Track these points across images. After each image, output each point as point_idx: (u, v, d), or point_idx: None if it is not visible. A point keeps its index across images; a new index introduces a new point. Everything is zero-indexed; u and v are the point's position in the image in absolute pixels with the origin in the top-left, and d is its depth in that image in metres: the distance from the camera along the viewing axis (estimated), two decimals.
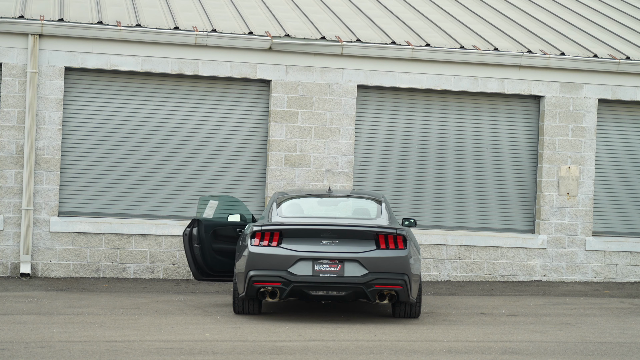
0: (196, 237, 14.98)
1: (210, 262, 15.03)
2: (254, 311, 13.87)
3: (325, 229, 13.34)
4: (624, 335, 12.94)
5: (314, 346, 11.46)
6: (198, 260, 15.00)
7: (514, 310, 15.21)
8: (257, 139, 18.70)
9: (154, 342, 11.54)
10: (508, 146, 19.52)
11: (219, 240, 15.10)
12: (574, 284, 19.08)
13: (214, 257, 15.03)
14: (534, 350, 11.54)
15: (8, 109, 17.68)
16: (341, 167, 18.70)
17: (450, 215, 19.29)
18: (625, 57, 19.73)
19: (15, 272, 17.69)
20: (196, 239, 14.99)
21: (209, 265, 15.04)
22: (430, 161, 19.26)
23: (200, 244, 14.97)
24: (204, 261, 15.01)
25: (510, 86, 19.32)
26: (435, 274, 18.97)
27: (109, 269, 17.96)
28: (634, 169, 19.97)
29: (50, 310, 13.98)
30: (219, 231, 15.10)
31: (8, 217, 17.67)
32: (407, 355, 11.08)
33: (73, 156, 18.07)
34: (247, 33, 18.42)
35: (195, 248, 14.98)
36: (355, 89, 18.77)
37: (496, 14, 22.04)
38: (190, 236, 15.00)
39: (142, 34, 18.01)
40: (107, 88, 18.20)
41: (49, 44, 17.77)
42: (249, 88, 18.67)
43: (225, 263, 15.07)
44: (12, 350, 10.76)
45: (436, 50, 18.88)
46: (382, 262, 13.17)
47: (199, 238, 14.98)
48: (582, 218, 19.46)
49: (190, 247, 15.01)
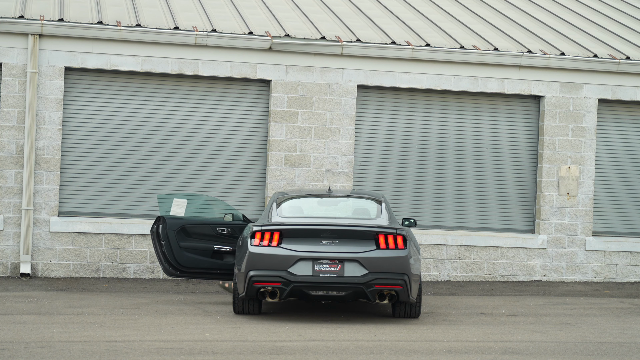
0: (161, 235, 15.15)
1: (178, 259, 15.14)
2: (254, 311, 13.88)
3: (325, 229, 13.34)
4: (624, 335, 12.94)
5: (314, 346, 11.46)
6: (167, 257, 15.16)
7: (514, 310, 15.21)
8: (257, 139, 18.70)
9: (154, 342, 11.54)
10: (508, 146, 19.52)
11: (190, 238, 15.21)
12: (574, 284, 19.08)
13: (181, 254, 15.13)
14: (534, 350, 11.54)
15: (8, 109, 17.68)
16: (341, 167, 18.70)
17: (450, 215, 19.29)
18: (625, 57, 19.73)
19: (15, 272, 17.69)
20: (162, 237, 15.15)
21: (177, 262, 15.15)
22: (430, 161, 19.26)
23: (165, 241, 15.10)
24: (173, 258, 15.14)
25: (510, 86, 19.32)
26: (435, 274, 18.97)
27: (109, 269, 17.96)
28: (634, 169, 19.97)
29: (50, 310, 13.98)
30: (189, 229, 15.19)
31: (8, 217, 17.67)
32: (407, 355, 11.08)
33: (73, 156, 18.07)
34: (247, 33, 18.42)
35: (162, 245, 15.15)
36: (355, 89, 18.77)
37: (496, 14, 22.04)
38: (157, 233, 15.18)
39: (142, 34, 18.01)
40: (107, 88, 18.20)
41: (49, 44, 17.77)
42: (249, 88, 18.67)
43: (197, 260, 15.18)
44: (12, 350, 10.76)
45: (436, 50, 18.88)
46: (382, 262, 13.17)
47: (164, 235, 15.12)
48: (582, 218, 19.46)
49: (159, 244, 15.18)
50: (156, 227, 15.31)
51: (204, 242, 15.20)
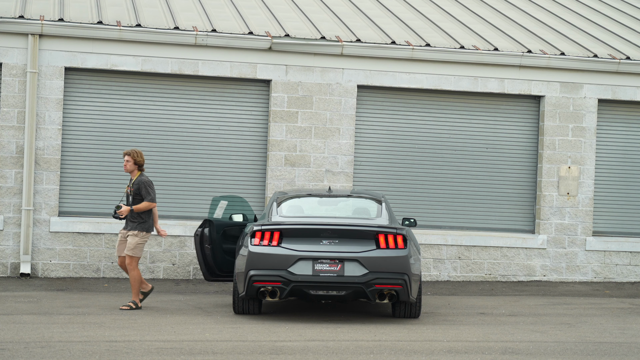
0: (208, 238, 14.97)
1: (220, 263, 15.05)
2: (254, 311, 13.88)
3: (325, 229, 13.35)
4: (624, 335, 12.94)
5: (314, 346, 11.46)
6: (209, 261, 15.02)
7: (514, 310, 15.22)
8: (257, 139, 18.70)
9: (154, 342, 11.54)
10: (508, 146, 19.52)
11: (228, 241, 15.13)
12: (574, 284, 19.08)
13: (223, 257, 15.05)
14: (534, 350, 11.54)
15: (8, 109, 17.68)
16: (341, 167, 18.70)
17: (450, 215, 19.29)
18: (625, 57, 19.73)
19: (15, 272, 17.69)
20: (208, 240, 14.98)
21: (218, 265, 15.05)
22: (430, 161, 19.26)
23: (212, 244, 14.98)
24: (214, 262, 15.02)
25: (510, 86, 19.32)
26: (435, 274, 18.97)
27: (109, 269, 17.96)
28: (634, 169, 19.97)
29: (50, 310, 13.98)
30: (227, 231, 15.12)
31: (8, 217, 17.67)
32: (407, 355, 11.08)
33: (73, 156, 18.07)
34: (247, 33, 18.42)
35: (206, 248, 14.99)
36: (355, 89, 18.77)
37: (496, 14, 22.05)
38: (202, 236, 15.01)
39: (142, 34, 18.01)
40: (107, 88, 18.20)
41: (49, 44, 17.77)
42: (249, 88, 18.67)
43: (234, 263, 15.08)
44: (12, 350, 10.76)
45: (436, 50, 18.89)
46: (382, 261, 13.18)
47: (211, 239, 14.97)
48: (582, 218, 19.46)
49: (202, 248, 15.01)
50: (201, 230, 15.04)
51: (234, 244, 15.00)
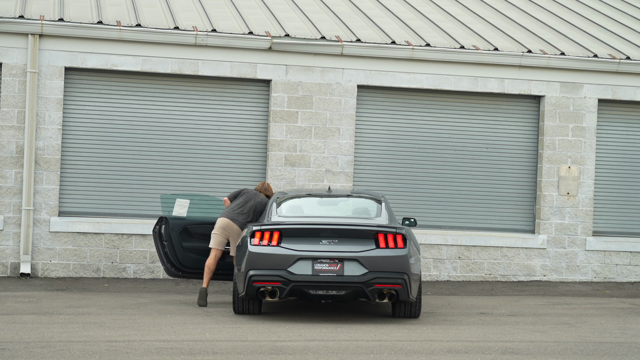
0: (164, 235, 15.19)
1: (181, 259, 15.20)
2: (254, 311, 13.88)
3: (324, 229, 13.34)
4: (624, 335, 12.94)
5: (314, 346, 11.46)
6: (169, 257, 15.23)
7: (514, 310, 15.21)
8: (257, 139, 18.71)
9: (154, 342, 11.54)
10: (508, 146, 19.52)
11: (192, 239, 15.27)
12: (574, 284, 19.08)
13: (184, 254, 15.19)
14: (534, 350, 11.53)
15: (8, 109, 17.68)
16: (341, 167, 18.70)
17: (450, 215, 19.29)
18: (625, 57, 19.73)
19: (15, 272, 17.69)
20: (164, 237, 15.20)
21: (180, 262, 15.21)
22: (430, 161, 19.26)
23: (168, 241, 15.14)
24: (175, 258, 15.18)
25: (510, 86, 19.31)
26: (435, 274, 18.97)
27: (109, 269, 17.96)
28: (634, 169, 19.97)
29: (50, 310, 13.98)
30: (191, 229, 15.25)
31: (8, 217, 17.67)
32: (407, 355, 11.08)
33: (73, 156, 18.07)
34: (247, 33, 18.42)
35: (164, 245, 15.20)
36: (355, 89, 18.77)
37: (496, 14, 22.05)
38: (160, 234, 15.21)
39: (142, 34, 18.01)
40: (107, 88, 18.20)
41: (49, 43, 17.77)
42: (249, 88, 18.67)
43: (199, 261, 15.27)
44: (12, 350, 10.76)
45: (436, 50, 18.88)
46: (381, 261, 13.17)
47: (167, 235, 15.16)
48: (582, 218, 19.46)
49: (161, 244, 15.23)
50: (158, 228, 15.34)
51: (206, 243, 15.25)
